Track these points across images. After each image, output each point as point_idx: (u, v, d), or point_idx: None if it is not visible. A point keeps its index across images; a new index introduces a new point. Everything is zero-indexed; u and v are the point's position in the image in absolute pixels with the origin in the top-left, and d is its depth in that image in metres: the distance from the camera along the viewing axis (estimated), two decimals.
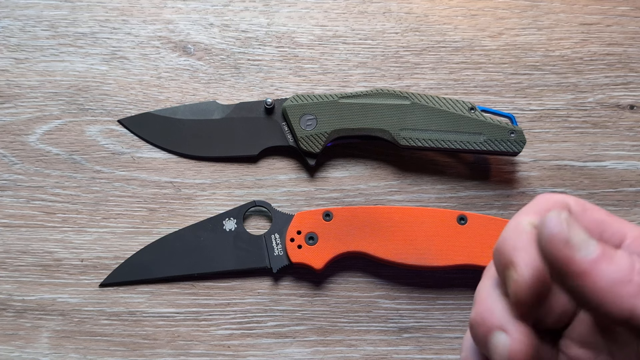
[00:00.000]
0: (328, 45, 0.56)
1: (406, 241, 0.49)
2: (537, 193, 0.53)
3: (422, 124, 0.51)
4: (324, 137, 0.52)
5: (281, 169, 0.53)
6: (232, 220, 0.51)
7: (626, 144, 0.54)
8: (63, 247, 0.51)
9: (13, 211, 0.52)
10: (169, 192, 0.52)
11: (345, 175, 0.53)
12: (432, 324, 0.50)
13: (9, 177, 0.52)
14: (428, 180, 0.53)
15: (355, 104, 0.52)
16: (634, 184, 0.53)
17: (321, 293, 0.50)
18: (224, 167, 0.53)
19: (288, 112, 0.52)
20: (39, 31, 0.56)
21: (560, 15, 0.57)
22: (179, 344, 0.49)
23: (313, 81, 0.55)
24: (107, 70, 0.55)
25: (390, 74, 0.55)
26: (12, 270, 0.50)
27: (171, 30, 0.56)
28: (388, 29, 0.57)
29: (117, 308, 0.50)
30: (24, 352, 0.49)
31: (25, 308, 0.50)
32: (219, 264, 0.50)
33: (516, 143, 0.51)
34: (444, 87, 0.55)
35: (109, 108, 0.54)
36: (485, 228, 0.49)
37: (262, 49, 0.56)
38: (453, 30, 0.57)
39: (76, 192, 0.52)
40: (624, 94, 0.55)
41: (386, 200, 0.53)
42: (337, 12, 0.57)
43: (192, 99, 0.54)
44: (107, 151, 0.53)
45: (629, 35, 0.57)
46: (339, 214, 0.50)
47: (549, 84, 0.55)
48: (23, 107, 0.54)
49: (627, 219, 0.52)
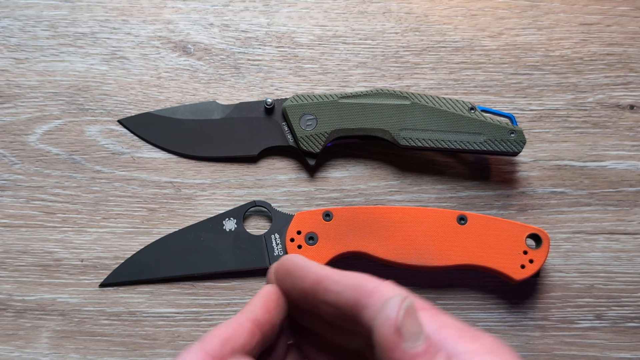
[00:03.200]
0: (328, 45, 0.56)
1: (406, 241, 0.49)
2: (537, 193, 0.53)
3: (422, 124, 0.51)
4: (324, 137, 0.52)
5: (281, 169, 0.53)
6: (232, 220, 0.51)
7: (626, 144, 0.54)
8: (63, 247, 0.51)
9: (13, 211, 0.52)
10: (169, 192, 0.52)
11: (345, 175, 0.53)
12: None
13: (9, 177, 0.52)
14: (428, 180, 0.53)
15: (355, 104, 0.52)
16: (634, 184, 0.53)
17: None
18: (224, 167, 0.53)
19: (288, 112, 0.52)
20: (39, 31, 0.56)
21: (560, 15, 0.57)
22: (179, 344, 0.49)
23: (313, 81, 0.55)
24: (107, 70, 0.55)
25: (390, 74, 0.55)
26: (12, 270, 0.50)
27: (171, 30, 0.56)
28: (388, 29, 0.57)
29: (117, 308, 0.50)
30: (24, 352, 0.49)
31: (25, 308, 0.50)
32: (219, 264, 0.50)
33: (516, 143, 0.51)
34: (444, 87, 0.55)
35: (109, 108, 0.54)
36: (485, 228, 0.49)
37: (262, 49, 0.56)
38: (453, 30, 0.57)
39: (76, 192, 0.52)
40: (624, 94, 0.55)
41: (386, 200, 0.53)
42: (337, 12, 0.57)
43: (192, 99, 0.54)
44: (107, 151, 0.53)
45: (629, 35, 0.57)
46: (339, 214, 0.50)
47: (549, 84, 0.55)
48: (23, 107, 0.54)
49: (627, 219, 0.52)
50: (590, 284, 0.51)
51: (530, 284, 0.51)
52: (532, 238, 0.49)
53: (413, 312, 0.26)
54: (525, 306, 0.50)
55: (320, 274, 0.29)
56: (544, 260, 0.49)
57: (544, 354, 0.49)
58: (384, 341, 0.25)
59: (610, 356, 0.50)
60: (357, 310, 0.28)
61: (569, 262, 0.51)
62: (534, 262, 0.48)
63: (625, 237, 0.52)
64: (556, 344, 0.50)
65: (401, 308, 0.25)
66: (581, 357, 0.49)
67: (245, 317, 0.29)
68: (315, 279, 0.29)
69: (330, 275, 0.29)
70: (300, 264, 0.30)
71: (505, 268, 0.48)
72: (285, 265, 0.31)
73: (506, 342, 0.50)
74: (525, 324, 0.50)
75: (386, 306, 0.26)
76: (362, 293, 0.28)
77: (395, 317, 0.25)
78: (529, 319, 0.50)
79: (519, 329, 0.50)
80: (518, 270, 0.48)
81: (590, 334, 0.50)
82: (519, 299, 0.50)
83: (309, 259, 0.31)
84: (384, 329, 0.25)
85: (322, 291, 0.29)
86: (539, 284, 0.51)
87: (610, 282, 0.51)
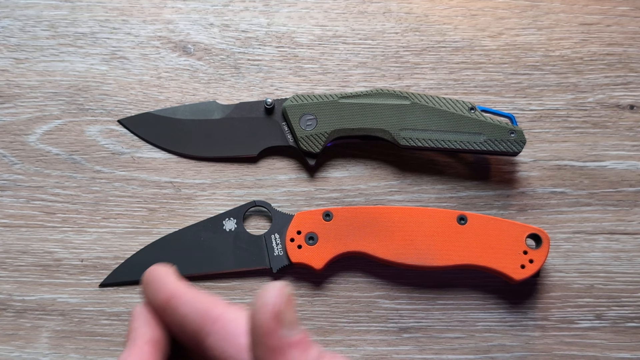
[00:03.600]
0: (328, 45, 0.56)
1: (406, 241, 0.49)
2: (537, 193, 0.53)
3: (422, 124, 0.51)
4: (324, 137, 0.52)
5: (281, 169, 0.53)
6: (232, 220, 0.51)
7: (626, 144, 0.54)
8: (63, 247, 0.51)
9: (13, 211, 0.52)
10: (169, 192, 0.52)
11: (345, 175, 0.53)
12: (432, 324, 0.50)
13: (9, 177, 0.52)
14: (428, 180, 0.53)
15: (355, 104, 0.52)
16: (634, 184, 0.53)
17: (321, 293, 0.50)
18: (224, 167, 0.53)
19: (288, 112, 0.52)
20: (39, 31, 0.56)
21: (560, 15, 0.57)
22: None
23: (313, 81, 0.55)
24: (107, 70, 0.55)
25: (390, 74, 0.55)
26: (12, 270, 0.50)
27: (171, 30, 0.56)
28: (388, 29, 0.57)
29: (117, 308, 0.50)
30: (24, 352, 0.49)
31: (25, 308, 0.50)
32: (219, 264, 0.50)
33: (516, 143, 0.51)
34: (444, 87, 0.55)
35: (109, 108, 0.54)
36: (485, 228, 0.49)
37: (262, 49, 0.56)
38: (453, 30, 0.57)
39: (76, 192, 0.52)
40: (624, 94, 0.55)
41: (386, 200, 0.53)
42: (337, 12, 0.57)
43: (192, 99, 0.54)
44: (107, 151, 0.53)
45: (629, 35, 0.57)
46: (339, 214, 0.50)
47: (549, 84, 0.55)
48: (23, 107, 0.54)
49: (627, 219, 0.52)
50: (590, 284, 0.51)
51: (530, 284, 0.51)
52: (532, 238, 0.49)
53: (292, 301, 0.25)
54: (525, 306, 0.50)
55: (172, 291, 0.28)
56: (544, 260, 0.49)
57: (544, 354, 0.49)
58: (260, 326, 0.24)
59: (610, 356, 0.50)
60: (200, 337, 0.27)
61: (569, 262, 0.51)
62: (534, 262, 0.48)
63: (625, 237, 0.52)
64: (556, 344, 0.50)
65: (282, 294, 0.24)
66: (581, 357, 0.49)
67: (140, 342, 0.28)
68: (167, 295, 0.28)
69: (181, 294, 0.28)
70: (157, 276, 0.29)
71: (505, 268, 0.48)
72: (146, 276, 0.30)
73: (506, 342, 0.50)
74: (525, 324, 0.50)
75: (266, 292, 0.25)
76: (207, 319, 0.27)
77: (275, 302, 0.24)
78: (529, 319, 0.50)
79: (519, 329, 0.50)
80: (518, 270, 0.48)
81: (590, 334, 0.50)
82: (519, 299, 0.50)
83: (173, 271, 0.30)
84: (262, 314, 0.24)
85: (171, 310, 0.28)
86: (539, 284, 0.51)
87: (610, 282, 0.51)
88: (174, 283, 0.29)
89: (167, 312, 0.28)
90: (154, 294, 0.29)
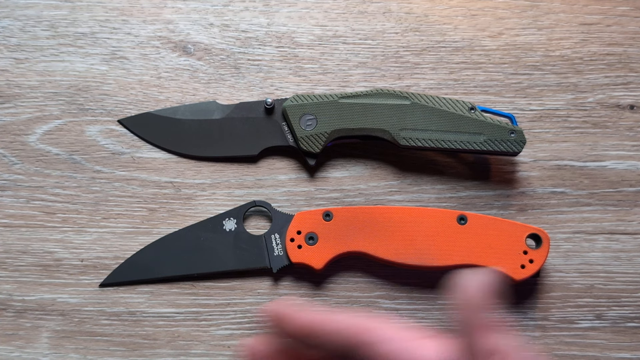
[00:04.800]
0: (328, 45, 0.56)
1: (406, 241, 0.49)
2: (537, 193, 0.53)
3: (422, 124, 0.51)
4: (324, 137, 0.52)
5: (281, 169, 0.53)
6: (232, 220, 0.51)
7: (626, 144, 0.54)
8: (63, 247, 0.51)
9: (13, 211, 0.52)
10: (169, 192, 0.52)
11: (345, 175, 0.53)
12: (432, 324, 0.50)
13: (9, 177, 0.52)
14: (428, 180, 0.53)
15: (355, 104, 0.52)
16: (634, 184, 0.53)
17: (321, 293, 0.50)
18: (224, 167, 0.53)
19: (288, 112, 0.52)
20: (39, 31, 0.56)
21: (560, 15, 0.57)
22: (179, 344, 0.49)
23: (313, 81, 0.55)
24: (107, 70, 0.55)
25: (390, 74, 0.55)
26: (12, 270, 0.50)
27: (171, 30, 0.56)
28: (388, 29, 0.57)
29: (117, 308, 0.50)
30: (24, 352, 0.49)
31: (25, 308, 0.50)
32: (219, 264, 0.50)
33: (516, 143, 0.51)
34: (444, 87, 0.55)
35: (109, 108, 0.54)
36: (485, 228, 0.49)
37: (262, 49, 0.56)
38: (453, 30, 0.57)
39: (76, 192, 0.52)
40: (624, 94, 0.55)
41: (386, 200, 0.53)
42: (337, 12, 0.57)
43: (192, 99, 0.54)
44: (107, 151, 0.53)
45: (629, 35, 0.57)
46: (339, 214, 0.50)
47: (549, 84, 0.55)
48: (23, 107, 0.54)
49: (627, 219, 0.52)
50: (590, 284, 0.51)
51: (530, 284, 0.51)
52: (532, 238, 0.49)
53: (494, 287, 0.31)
54: (525, 306, 0.50)
55: (311, 317, 0.33)
56: (544, 260, 0.49)
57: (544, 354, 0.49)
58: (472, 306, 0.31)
59: (610, 356, 0.50)
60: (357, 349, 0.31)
61: (569, 262, 0.51)
62: (534, 262, 0.48)
63: (625, 237, 0.52)
64: (556, 344, 0.50)
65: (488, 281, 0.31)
66: (581, 357, 0.49)
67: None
68: (306, 322, 0.33)
69: (322, 318, 0.32)
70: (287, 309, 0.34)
71: (505, 268, 0.48)
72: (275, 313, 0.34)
73: None
74: (525, 324, 0.50)
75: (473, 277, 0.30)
76: (358, 332, 0.31)
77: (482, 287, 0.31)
78: (529, 319, 0.50)
79: (519, 329, 0.50)
80: (518, 270, 0.48)
81: (590, 334, 0.50)
82: (519, 299, 0.50)
83: (301, 304, 0.34)
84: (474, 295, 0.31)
85: (316, 333, 0.32)
86: (539, 284, 0.51)
87: (610, 282, 0.51)
88: (308, 311, 0.33)
89: (311, 337, 0.32)
90: (289, 328, 0.33)
